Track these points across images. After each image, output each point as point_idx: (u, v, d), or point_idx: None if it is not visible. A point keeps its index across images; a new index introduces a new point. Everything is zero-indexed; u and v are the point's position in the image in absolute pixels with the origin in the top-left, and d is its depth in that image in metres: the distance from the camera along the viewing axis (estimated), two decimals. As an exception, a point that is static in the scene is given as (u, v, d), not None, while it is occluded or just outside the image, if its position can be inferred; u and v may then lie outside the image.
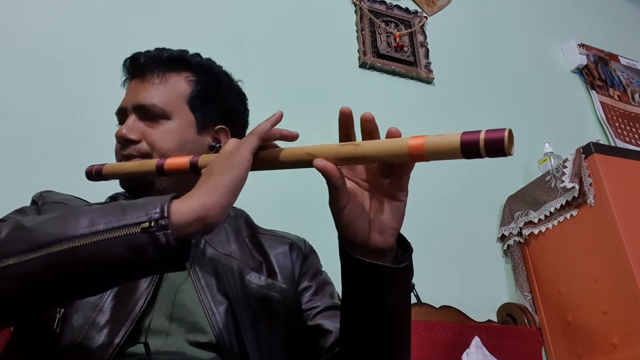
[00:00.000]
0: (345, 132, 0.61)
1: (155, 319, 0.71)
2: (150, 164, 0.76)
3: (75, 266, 0.55)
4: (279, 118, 0.67)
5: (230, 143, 0.66)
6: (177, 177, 0.79)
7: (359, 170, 0.63)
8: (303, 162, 0.62)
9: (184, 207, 0.56)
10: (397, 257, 0.64)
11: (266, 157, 0.65)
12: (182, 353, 0.70)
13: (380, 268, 0.61)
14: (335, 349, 0.78)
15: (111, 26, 1.63)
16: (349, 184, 0.62)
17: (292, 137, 0.67)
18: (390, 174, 0.61)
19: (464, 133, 0.51)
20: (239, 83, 0.98)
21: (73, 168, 0.96)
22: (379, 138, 0.60)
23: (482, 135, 0.49)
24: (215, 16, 1.81)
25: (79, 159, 0.97)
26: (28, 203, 0.86)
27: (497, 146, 0.49)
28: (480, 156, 0.50)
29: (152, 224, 0.54)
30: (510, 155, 0.49)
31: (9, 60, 1.45)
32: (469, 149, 0.50)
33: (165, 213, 0.55)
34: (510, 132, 0.49)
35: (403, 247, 0.65)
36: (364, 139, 0.60)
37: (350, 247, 0.62)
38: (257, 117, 1.02)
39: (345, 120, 0.61)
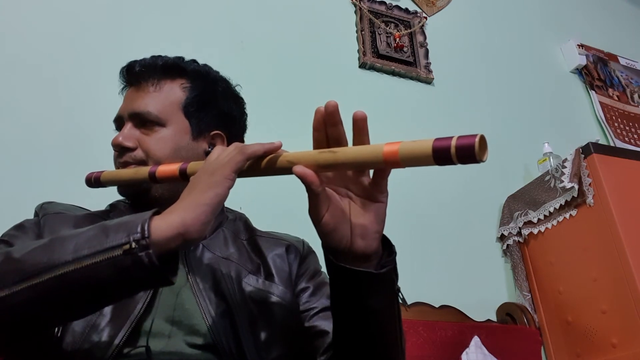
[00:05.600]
0: (333, 131, 0.58)
1: (156, 322, 0.72)
2: (144, 171, 0.77)
3: (66, 292, 0.56)
4: (276, 149, 0.64)
5: (216, 152, 0.66)
6: (171, 184, 0.79)
7: (337, 175, 0.62)
8: (284, 169, 0.61)
9: (164, 224, 0.57)
10: (381, 260, 0.63)
11: (249, 165, 0.65)
12: (181, 355, 0.71)
13: (362, 274, 0.60)
14: (332, 350, 0.78)
15: (111, 28, 1.63)
16: (328, 190, 0.61)
17: (275, 149, 0.64)
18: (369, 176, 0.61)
19: (436, 139, 0.49)
20: (237, 88, 0.97)
21: (75, 175, 0.97)
22: (367, 139, 0.58)
23: (453, 142, 0.48)
24: (215, 16, 1.82)
25: (80, 166, 0.98)
26: (30, 210, 0.86)
27: (468, 153, 0.47)
28: (452, 163, 0.48)
29: (134, 245, 0.55)
30: (483, 161, 0.47)
31: (9, 66, 1.46)
32: (441, 155, 0.48)
33: (146, 233, 0.55)
34: (482, 138, 0.47)
35: (388, 251, 0.64)
36: (354, 137, 0.58)
37: (334, 254, 0.61)
38: (256, 117, 1.02)
39: (331, 119, 0.58)
